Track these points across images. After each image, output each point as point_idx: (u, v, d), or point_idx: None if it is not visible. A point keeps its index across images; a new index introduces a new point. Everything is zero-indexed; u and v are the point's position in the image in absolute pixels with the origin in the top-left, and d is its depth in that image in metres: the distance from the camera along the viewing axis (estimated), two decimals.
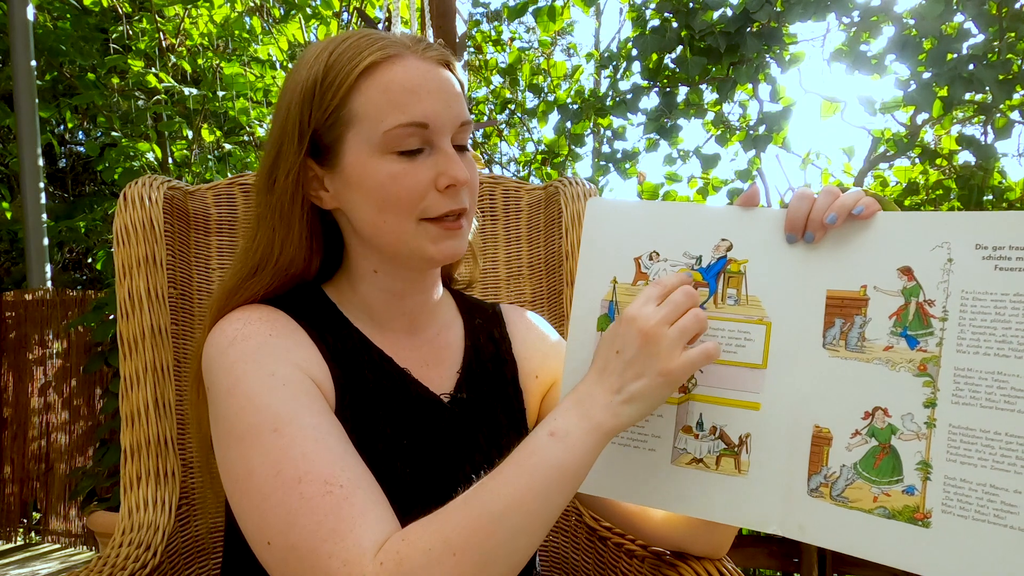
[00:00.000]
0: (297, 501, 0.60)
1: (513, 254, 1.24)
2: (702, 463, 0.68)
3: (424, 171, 0.71)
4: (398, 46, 0.71)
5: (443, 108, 0.71)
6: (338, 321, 0.79)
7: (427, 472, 0.75)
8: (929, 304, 0.61)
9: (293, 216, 0.75)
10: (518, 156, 4.32)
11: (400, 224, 0.72)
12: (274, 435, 0.64)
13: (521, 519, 0.59)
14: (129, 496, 1.00)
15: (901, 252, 0.62)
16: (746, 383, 0.67)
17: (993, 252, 0.58)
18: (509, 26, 5.11)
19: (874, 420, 0.62)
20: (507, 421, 0.83)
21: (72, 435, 3.60)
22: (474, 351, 0.85)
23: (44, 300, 3.69)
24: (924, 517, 0.59)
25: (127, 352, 1.02)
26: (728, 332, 0.67)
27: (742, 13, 2.54)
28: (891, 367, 0.62)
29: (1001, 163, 2.54)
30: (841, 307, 0.64)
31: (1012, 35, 2.30)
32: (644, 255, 0.71)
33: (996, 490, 0.57)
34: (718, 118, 2.91)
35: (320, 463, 0.62)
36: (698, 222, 0.69)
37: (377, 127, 0.69)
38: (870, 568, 2.54)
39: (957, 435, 0.59)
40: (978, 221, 0.59)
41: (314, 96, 0.71)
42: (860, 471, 0.62)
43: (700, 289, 0.68)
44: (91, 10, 4.65)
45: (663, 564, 0.85)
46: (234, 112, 4.16)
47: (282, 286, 0.79)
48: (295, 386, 0.68)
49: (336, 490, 0.61)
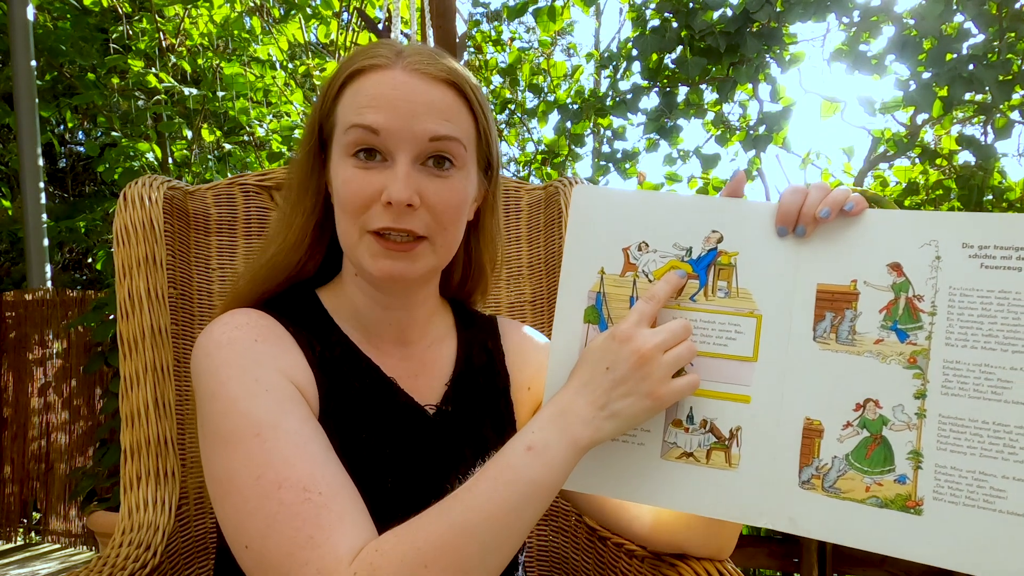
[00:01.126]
0: (276, 507, 0.61)
1: (513, 254, 1.24)
2: (692, 457, 0.68)
3: (374, 182, 0.70)
4: (392, 58, 0.72)
5: (401, 120, 0.69)
6: (327, 327, 0.79)
7: (409, 482, 0.74)
8: (918, 299, 0.63)
9: (305, 199, 0.78)
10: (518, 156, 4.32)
11: (349, 231, 0.73)
12: (256, 440, 0.64)
13: (495, 533, 0.59)
14: (129, 496, 1.00)
15: (891, 248, 0.64)
16: (736, 376, 0.67)
17: (979, 251, 0.61)
18: (509, 26, 5.11)
19: (865, 411, 0.63)
20: (495, 434, 0.82)
21: (72, 435, 3.60)
22: (466, 363, 0.85)
23: (44, 300, 3.69)
24: (916, 505, 0.61)
25: (127, 352, 1.02)
26: (718, 325, 0.68)
27: (742, 13, 2.54)
28: (882, 360, 0.63)
29: (1001, 163, 2.54)
30: (832, 301, 0.65)
31: (1012, 35, 2.30)
32: (633, 245, 0.70)
33: (985, 476, 0.59)
34: (718, 118, 2.91)
35: (300, 469, 0.63)
36: (688, 213, 0.69)
37: (341, 130, 0.72)
38: (870, 568, 2.54)
39: (947, 425, 0.61)
40: (964, 221, 0.62)
41: (321, 95, 0.77)
42: (852, 462, 0.63)
43: (690, 281, 0.68)
44: (91, 10, 4.65)
45: (663, 564, 0.85)
46: (234, 112, 4.16)
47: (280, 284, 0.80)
48: (279, 392, 0.68)
49: (315, 497, 0.61)
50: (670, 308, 0.69)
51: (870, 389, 0.63)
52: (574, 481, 0.71)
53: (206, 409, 0.69)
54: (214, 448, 0.66)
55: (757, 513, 0.66)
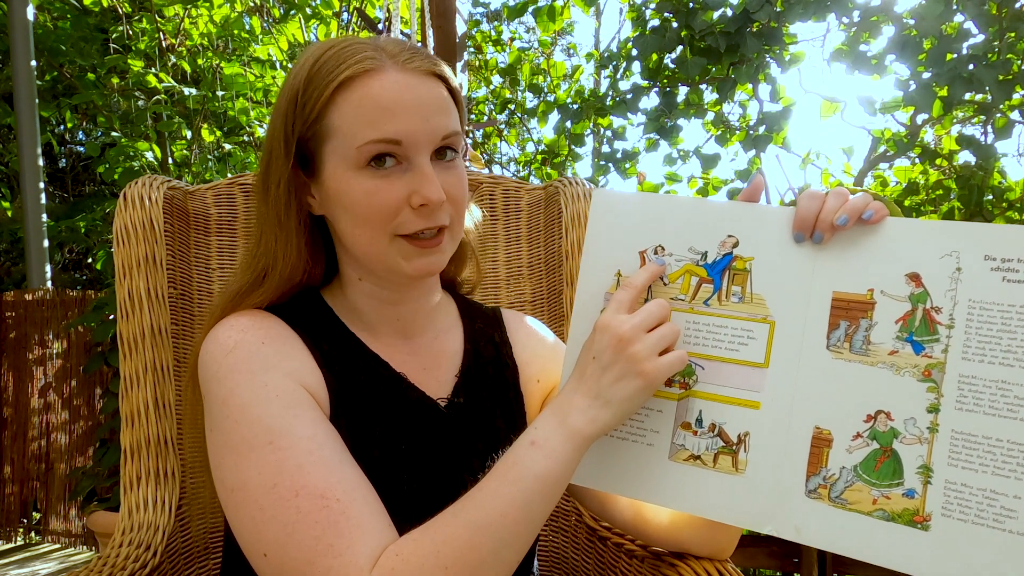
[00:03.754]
0: (294, 515, 0.61)
1: (513, 254, 1.24)
2: (699, 460, 0.68)
3: (398, 188, 0.69)
4: (379, 58, 0.69)
5: (419, 124, 0.69)
6: (334, 326, 0.79)
7: (425, 477, 0.75)
8: (936, 311, 0.61)
9: (290, 222, 0.74)
10: (518, 156, 4.32)
11: (374, 239, 0.71)
12: (269, 448, 0.64)
13: (507, 530, 0.60)
14: (129, 496, 1.00)
15: (910, 258, 0.62)
16: (747, 381, 0.66)
17: (1002, 264, 0.59)
18: (509, 26, 5.11)
19: (876, 423, 0.62)
20: (506, 425, 0.83)
21: (72, 435, 3.60)
22: (474, 355, 0.85)
23: (44, 300, 3.69)
24: (924, 520, 0.60)
25: (127, 352, 1.02)
26: (731, 329, 0.67)
27: (742, 13, 2.54)
28: (895, 371, 0.62)
29: (1001, 163, 2.54)
30: (847, 309, 0.64)
31: (1012, 35, 2.30)
32: (649, 249, 0.70)
33: (996, 495, 0.58)
34: (718, 118, 2.91)
35: (316, 476, 0.62)
36: (705, 217, 0.69)
37: (351, 143, 0.69)
38: (871, 569, 2.54)
39: (959, 440, 0.59)
40: (988, 232, 0.60)
41: (296, 106, 0.71)
42: (860, 473, 0.62)
43: (704, 285, 0.68)
44: (91, 10, 4.65)
45: (663, 564, 0.85)
46: (234, 112, 4.16)
47: (285, 295, 0.78)
48: (288, 396, 0.68)
49: (333, 504, 0.61)
50: (683, 312, 0.69)
51: (882, 400, 0.62)
52: (585, 477, 0.72)
53: (216, 416, 0.68)
54: (225, 456, 0.66)
55: (762, 520, 0.65)
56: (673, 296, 0.69)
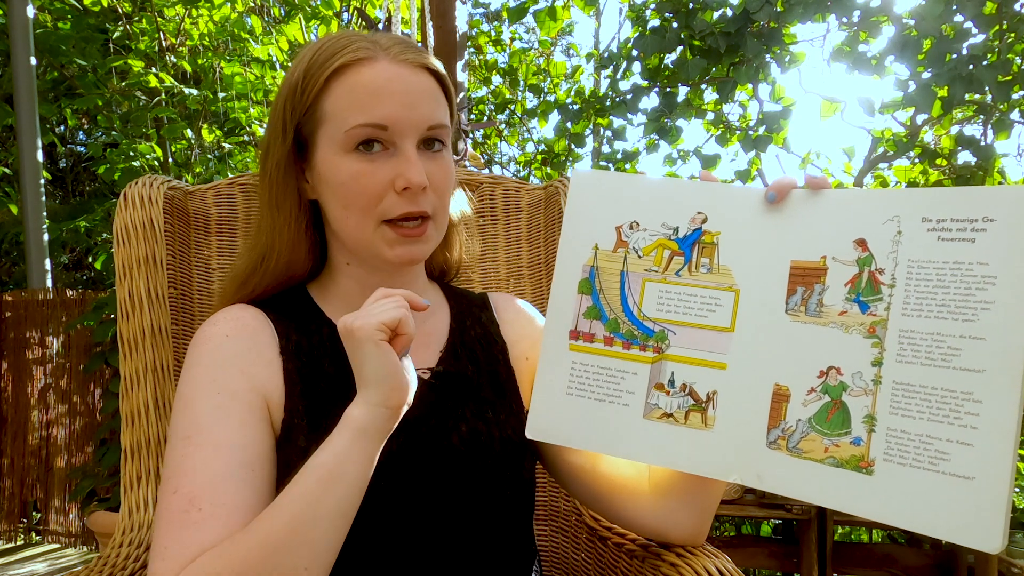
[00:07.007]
0: (163, 509, 0.66)
1: (513, 254, 1.24)
2: (672, 417, 0.73)
3: (383, 172, 0.73)
4: (372, 49, 0.74)
5: (406, 111, 0.72)
6: (312, 314, 0.81)
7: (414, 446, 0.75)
8: (880, 272, 0.66)
9: (286, 204, 0.78)
10: (518, 156, 4.32)
11: (361, 223, 0.75)
12: (184, 442, 0.69)
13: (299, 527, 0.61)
14: (129, 496, 1.00)
15: (857, 225, 0.67)
16: (715, 345, 0.72)
17: (937, 224, 0.64)
18: (509, 26, 5.11)
19: (828, 378, 0.67)
20: (495, 395, 0.83)
21: (72, 435, 3.60)
22: (460, 332, 0.86)
23: (44, 300, 3.69)
24: (868, 465, 0.65)
25: (127, 352, 1.02)
26: (700, 298, 0.73)
27: (742, 13, 2.54)
28: (844, 330, 0.67)
29: (1001, 163, 2.54)
30: (803, 276, 0.69)
31: (1012, 35, 2.30)
32: (625, 224, 0.76)
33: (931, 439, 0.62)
34: (718, 118, 2.92)
35: (199, 481, 0.66)
36: (677, 195, 0.75)
37: (341, 127, 0.73)
38: (870, 568, 2.54)
39: (899, 390, 0.64)
40: (924, 196, 0.65)
41: (294, 94, 0.76)
42: (814, 424, 0.67)
43: (676, 258, 0.74)
44: (91, 10, 4.65)
45: (663, 564, 0.85)
46: (234, 112, 4.16)
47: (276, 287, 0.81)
48: (227, 395, 0.71)
49: (194, 513, 0.64)
50: (657, 282, 0.75)
51: (833, 357, 0.67)
52: (566, 438, 0.76)
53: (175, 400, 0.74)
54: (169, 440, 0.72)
55: (728, 470, 0.71)
56: (647, 268, 0.75)
